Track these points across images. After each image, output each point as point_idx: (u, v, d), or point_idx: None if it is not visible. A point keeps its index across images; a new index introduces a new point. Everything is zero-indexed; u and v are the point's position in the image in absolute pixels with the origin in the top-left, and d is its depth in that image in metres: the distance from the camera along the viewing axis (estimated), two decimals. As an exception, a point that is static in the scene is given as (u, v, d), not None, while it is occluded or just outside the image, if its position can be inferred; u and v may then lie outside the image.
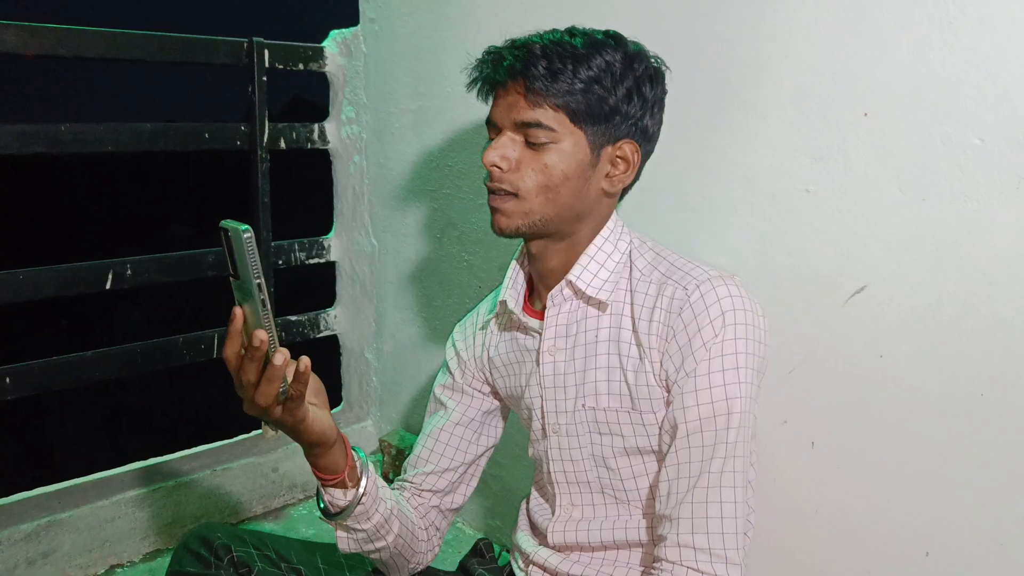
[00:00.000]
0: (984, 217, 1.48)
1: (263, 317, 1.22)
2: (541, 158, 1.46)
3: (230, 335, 1.26)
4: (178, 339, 2.77)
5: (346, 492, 1.50)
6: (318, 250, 3.14)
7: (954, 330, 1.54)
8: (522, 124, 1.46)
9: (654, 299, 1.50)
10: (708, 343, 1.43)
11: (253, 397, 1.28)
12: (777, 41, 1.73)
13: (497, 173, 1.49)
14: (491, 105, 1.53)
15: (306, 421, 1.37)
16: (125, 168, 21.74)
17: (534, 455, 1.73)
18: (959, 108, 1.49)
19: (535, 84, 1.43)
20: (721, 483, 1.40)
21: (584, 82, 1.43)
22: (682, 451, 1.44)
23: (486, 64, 1.52)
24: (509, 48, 1.49)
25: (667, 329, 1.48)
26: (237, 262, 1.20)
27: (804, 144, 1.70)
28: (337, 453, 1.46)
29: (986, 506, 1.53)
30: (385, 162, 2.93)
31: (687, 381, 1.45)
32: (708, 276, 1.47)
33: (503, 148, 1.48)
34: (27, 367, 2.44)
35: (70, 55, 2.46)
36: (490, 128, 1.54)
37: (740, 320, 1.43)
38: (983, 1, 1.45)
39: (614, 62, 1.46)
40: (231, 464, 2.83)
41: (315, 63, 3.02)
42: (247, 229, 1.18)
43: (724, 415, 1.42)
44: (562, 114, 1.45)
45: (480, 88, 1.54)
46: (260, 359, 1.24)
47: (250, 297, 1.22)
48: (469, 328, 1.81)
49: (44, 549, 2.40)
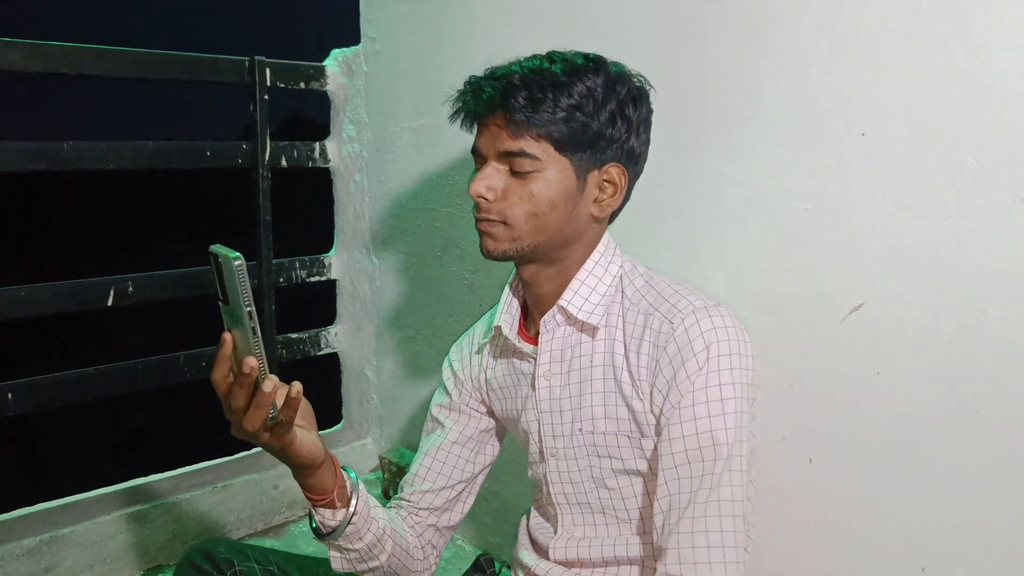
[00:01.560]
0: (980, 235, 1.49)
1: (253, 344, 1.22)
2: (527, 186, 1.47)
3: (219, 360, 1.27)
4: (179, 356, 2.77)
5: (335, 512, 1.51)
6: (319, 268, 3.15)
7: (951, 347, 1.54)
8: (506, 154, 1.47)
9: (642, 330, 1.51)
10: (692, 376, 1.44)
11: (241, 422, 1.28)
12: (776, 62, 1.75)
13: (484, 204, 1.49)
14: (475, 135, 1.54)
15: (293, 445, 1.37)
16: (127, 186, 21.74)
17: (533, 477, 1.73)
18: (955, 128, 1.51)
19: (516, 115, 1.43)
20: (707, 513, 1.40)
21: (565, 110, 1.43)
22: (671, 483, 1.45)
23: (467, 95, 1.52)
24: (488, 79, 1.49)
25: (654, 362, 1.48)
26: (227, 288, 1.20)
27: (802, 163, 1.72)
28: (325, 474, 1.47)
29: (982, 522, 1.53)
30: (386, 180, 2.94)
31: (673, 413, 1.45)
32: (692, 308, 1.47)
33: (488, 179, 1.49)
34: (29, 383, 2.45)
35: (74, 73, 2.46)
36: (476, 157, 1.54)
37: (724, 351, 1.44)
38: (978, 25, 1.47)
39: (595, 87, 1.46)
40: (232, 481, 2.83)
41: (316, 82, 3.03)
42: (238, 256, 1.17)
43: (710, 447, 1.42)
44: (545, 143, 1.45)
45: (463, 120, 1.55)
46: (249, 385, 1.25)
47: (240, 323, 1.22)
48: (465, 348, 1.81)
49: (46, 564, 2.40)
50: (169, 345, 3.04)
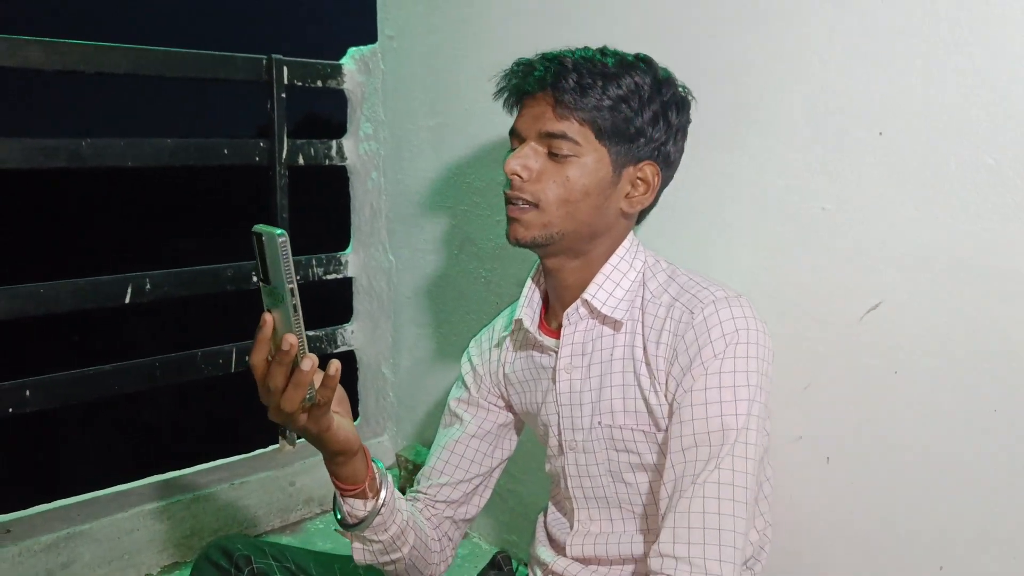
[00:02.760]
0: (997, 236, 1.49)
1: (294, 322, 1.22)
2: (563, 171, 1.47)
3: (259, 341, 1.26)
4: (196, 353, 2.78)
5: (366, 503, 1.51)
6: (335, 266, 3.16)
7: (968, 347, 1.54)
8: (547, 135, 1.47)
9: (663, 321, 1.51)
10: (707, 363, 1.44)
11: (279, 403, 1.27)
12: (791, 63, 1.74)
13: (517, 182, 1.49)
14: (516, 115, 1.54)
15: (331, 430, 1.37)
16: (144, 183, 21.81)
17: (551, 471, 1.73)
18: (972, 129, 1.50)
19: (564, 97, 1.44)
20: (705, 494, 1.39)
21: (612, 100, 1.45)
22: (678, 465, 1.44)
23: (515, 74, 1.53)
24: (540, 60, 1.50)
25: (672, 351, 1.49)
26: (269, 267, 1.20)
27: (819, 164, 1.71)
28: (359, 463, 1.47)
29: (999, 521, 1.53)
30: (403, 179, 2.94)
31: (685, 397, 1.45)
32: (713, 298, 1.47)
33: (525, 158, 1.49)
34: (47, 380, 2.46)
35: (92, 71, 2.48)
36: (513, 138, 1.54)
37: (743, 339, 1.44)
38: (996, 25, 1.47)
39: (643, 84, 1.47)
40: (248, 478, 2.83)
41: (333, 80, 3.04)
42: (282, 233, 1.18)
43: (719, 431, 1.41)
44: (587, 129, 1.46)
45: (507, 98, 1.56)
46: (288, 363, 1.24)
47: (280, 302, 1.22)
48: (485, 343, 1.81)
49: (64, 560, 2.41)
50: (186, 342, 3.05)
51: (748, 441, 1.42)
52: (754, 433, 1.42)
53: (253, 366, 1.28)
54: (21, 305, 2.38)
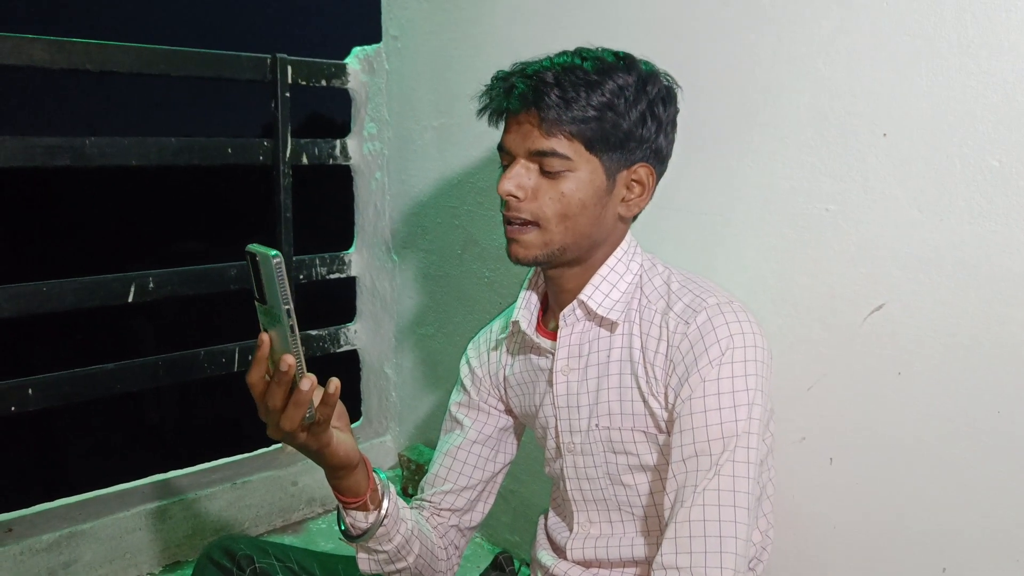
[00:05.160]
0: (1002, 237, 1.49)
1: (291, 342, 1.21)
2: (558, 186, 1.45)
3: (256, 361, 1.26)
4: (199, 352, 2.78)
5: (368, 515, 1.50)
6: (339, 265, 3.16)
7: (972, 348, 1.54)
8: (537, 153, 1.45)
9: (659, 328, 1.50)
10: (703, 371, 1.43)
11: (278, 422, 1.27)
12: (796, 64, 1.74)
13: (514, 202, 1.48)
14: (503, 131, 1.52)
15: (331, 446, 1.36)
16: (148, 182, 21.84)
17: (550, 473, 1.73)
18: (977, 130, 1.50)
19: (549, 113, 1.41)
20: (705, 501, 1.38)
21: (597, 108, 1.42)
22: (679, 475, 1.43)
23: (496, 91, 1.49)
24: (519, 75, 1.47)
25: (669, 362, 1.48)
26: (265, 287, 1.19)
27: (823, 165, 1.71)
28: (359, 476, 1.46)
29: (1003, 523, 1.53)
30: (407, 179, 2.94)
31: (684, 406, 1.44)
32: (706, 306, 1.47)
33: (518, 177, 1.47)
34: (49, 379, 2.46)
35: (97, 70, 2.48)
36: (503, 155, 1.52)
37: (738, 344, 1.43)
38: (1000, 27, 1.46)
39: (627, 85, 1.44)
40: (250, 477, 2.83)
41: (338, 80, 3.04)
42: (277, 255, 1.16)
43: (719, 439, 1.41)
44: (577, 142, 1.43)
45: (490, 116, 1.53)
46: (287, 384, 1.24)
47: (277, 322, 1.21)
48: (483, 346, 1.81)
49: (65, 559, 2.41)
50: (189, 341, 3.05)
51: (748, 446, 1.41)
52: (755, 437, 1.42)
53: (251, 385, 1.27)
54: (25, 304, 2.38)
